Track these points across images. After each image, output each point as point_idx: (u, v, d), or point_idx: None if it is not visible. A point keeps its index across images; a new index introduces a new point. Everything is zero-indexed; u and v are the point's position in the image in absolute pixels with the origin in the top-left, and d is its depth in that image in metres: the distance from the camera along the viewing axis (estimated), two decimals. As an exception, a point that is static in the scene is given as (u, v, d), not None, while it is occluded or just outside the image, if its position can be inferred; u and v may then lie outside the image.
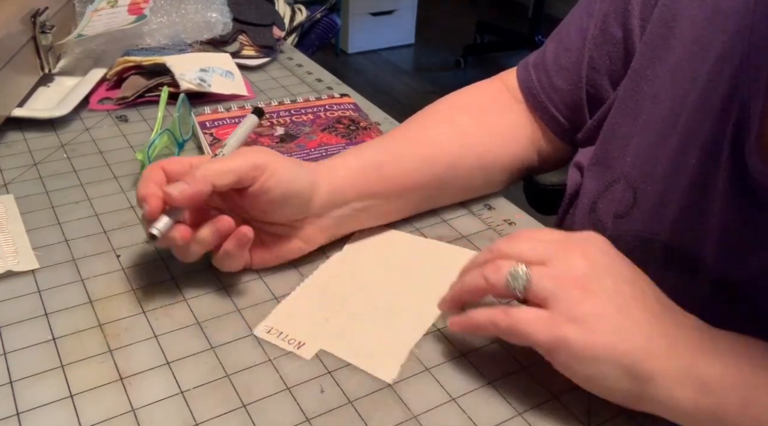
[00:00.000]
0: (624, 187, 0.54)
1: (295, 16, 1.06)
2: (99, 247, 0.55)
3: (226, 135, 0.67)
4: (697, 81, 0.50)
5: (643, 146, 0.53)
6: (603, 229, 0.55)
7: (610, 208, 0.55)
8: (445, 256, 0.56)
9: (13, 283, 0.50)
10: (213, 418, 0.41)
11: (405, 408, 0.42)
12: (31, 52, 0.75)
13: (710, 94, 0.48)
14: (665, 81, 0.52)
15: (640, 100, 0.54)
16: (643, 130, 0.53)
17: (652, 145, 0.52)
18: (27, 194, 0.61)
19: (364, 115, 0.74)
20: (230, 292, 0.51)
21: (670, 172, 0.51)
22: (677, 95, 0.51)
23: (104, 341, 0.46)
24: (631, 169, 0.54)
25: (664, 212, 0.51)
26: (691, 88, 0.50)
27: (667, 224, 0.50)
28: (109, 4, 0.83)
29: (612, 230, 0.54)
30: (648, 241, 0.52)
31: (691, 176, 0.49)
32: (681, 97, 0.51)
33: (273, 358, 0.45)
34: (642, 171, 0.53)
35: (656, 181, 0.52)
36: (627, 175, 0.54)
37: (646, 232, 0.52)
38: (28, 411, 0.41)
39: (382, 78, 2.99)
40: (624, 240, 0.53)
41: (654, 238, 0.51)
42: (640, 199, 0.53)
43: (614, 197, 0.55)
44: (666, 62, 0.53)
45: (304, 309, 0.50)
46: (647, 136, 0.53)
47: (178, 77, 0.77)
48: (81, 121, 0.74)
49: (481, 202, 0.63)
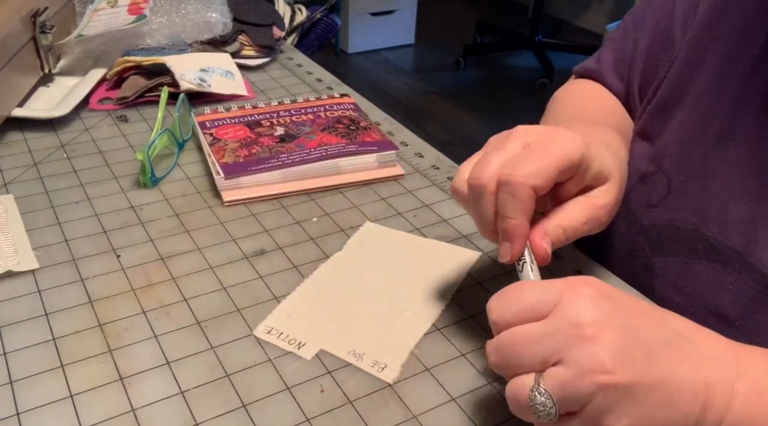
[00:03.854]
0: (660, 178, 0.54)
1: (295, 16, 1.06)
2: (99, 247, 0.55)
3: (226, 135, 0.67)
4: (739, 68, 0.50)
5: (683, 138, 0.53)
6: (635, 219, 0.55)
7: (642, 199, 0.55)
8: (445, 255, 0.56)
9: (13, 283, 0.50)
10: (213, 418, 0.41)
11: (405, 408, 0.42)
12: (31, 52, 0.76)
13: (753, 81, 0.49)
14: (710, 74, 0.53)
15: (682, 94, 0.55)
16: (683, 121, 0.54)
17: (691, 137, 0.52)
18: (27, 194, 0.61)
19: (364, 115, 0.74)
20: (230, 292, 0.51)
21: (709, 164, 0.50)
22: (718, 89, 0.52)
23: (104, 341, 0.46)
24: (668, 161, 0.54)
25: (703, 205, 0.50)
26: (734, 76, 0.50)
27: (706, 215, 0.50)
28: (109, 4, 0.83)
29: (645, 219, 0.54)
30: (682, 230, 0.51)
31: (731, 166, 0.49)
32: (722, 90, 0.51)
33: (273, 358, 0.45)
34: (679, 162, 0.53)
35: (694, 172, 0.52)
36: (664, 168, 0.54)
37: (679, 221, 0.52)
38: (28, 411, 0.41)
39: (382, 78, 2.99)
40: (657, 229, 0.53)
41: (689, 228, 0.51)
42: (676, 190, 0.52)
43: (648, 188, 0.55)
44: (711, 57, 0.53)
45: (304, 309, 0.50)
46: (687, 128, 0.53)
47: (178, 77, 0.77)
48: (81, 121, 0.74)
49: (481, 202, 0.63)
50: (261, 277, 0.53)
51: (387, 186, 0.65)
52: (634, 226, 0.56)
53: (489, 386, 0.44)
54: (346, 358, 0.46)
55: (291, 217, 0.60)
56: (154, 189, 0.63)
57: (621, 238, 0.58)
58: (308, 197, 0.63)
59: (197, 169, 0.67)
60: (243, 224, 0.59)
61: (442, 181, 0.66)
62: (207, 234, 0.57)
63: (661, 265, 0.54)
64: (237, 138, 0.67)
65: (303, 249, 0.56)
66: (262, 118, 0.71)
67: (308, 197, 0.63)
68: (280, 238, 0.57)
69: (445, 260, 0.55)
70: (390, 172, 0.66)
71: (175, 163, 0.67)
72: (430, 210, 0.62)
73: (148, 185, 0.63)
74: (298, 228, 0.58)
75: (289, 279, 0.52)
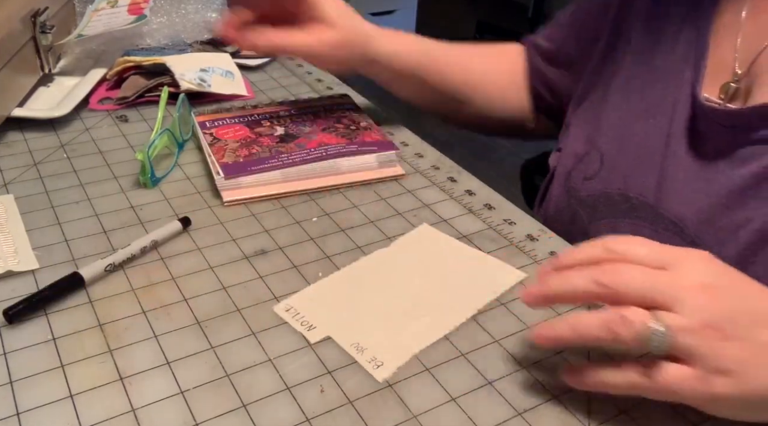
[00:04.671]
0: (594, 154, 0.63)
1: (295, 16, 1.06)
2: (99, 247, 0.55)
3: (226, 135, 0.67)
4: (659, 45, 0.60)
5: (614, 118, 0.63)
6: (575, 192, 0.64)
7: (580, 174, 0.64)
8: (489, 270, 0.54)
9: (13, 283, 0.50)
10: (213, 418, 0.41)
11: (405, 408, 0.42)
12: (31, 52, 0.75)
13: (671, 55, 0.59)
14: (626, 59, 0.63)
15: (606, 82, 0.65)
16: (610, 105, 0.63)
17: (621, 115, 0.62)
18: (27, 194, 0.61)
19: (364, 115, 0.74)
20: (230, 292, 0.51)
21: (635, 136, 0.60)
22: (639, 69, 0.62)
23: (104, 341, 0.46)
24: (604, 141, 0.63)
25: (627, 170, 0.60)
26: (653, 55, 0.61)
27: (630, 180, 0.59)
28: (109, 4, 0.83)
29: (582, 191, 0.63)
30: (611, 197, 0.60)
31: (651, 136, 0.58)
32: (642, 65, 0.61)
33: (273, 358, 0.45)
34: (611, 139, 0.62)
35: (620, 143, 0.61)
36: (598, 145, 0.63)
37: (609, 189, 0.61)
38: (28, 411, 0.41)
39: (382, 78, 2.98)
40: (590, 198, 0.62)
41: (616, 193, 0.60)
42: (607, 161, 0.62)
43: (584, 165, 0.64)
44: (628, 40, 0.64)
45: (328, 296, 0.51)
46: (616, 108, 0.62)
47: (178, 77, 0.77)
48: (81, 121, 0.74)
49: (482, 202, 0.63)
50: (261, 277, 0.53)
51: (387, 186, 0.65)
52: (574, 198, 0.65)
53: (489, 386, 0.44)
54: (348, 350, 0.46)
55: (291, 217, 0.60)
56: (154, 189, 0.63)
57: (564, 210, 0.66)
58: (308, 197, 0.63)
59: (197, 169, 0.66)
60: (243, 224, 0.59)
61: (442, 181, 0.66)
62: (207, 234, 0.57)
63: (594, 229, 0.62)
64: (237, 138, 0.67)
65: (303, 249, 0.56)
66: (262, 118, 0.71)
67: (308, 197, 0.63)
68: (280, 238, 0.57)
69: (487, 275, 0.54)
70: (390, 172, 0.66)
71: (175, 163, 0.67)
72: (430, 210, 0.62)
73: (148, 185, 0.63)
74: (298, 228, 0.58)
75: (289, 279, 0.52)
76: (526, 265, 0.55)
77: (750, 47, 0.55)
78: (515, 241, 0.58)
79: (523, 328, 0.49)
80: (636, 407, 0.43)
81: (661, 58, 0.60)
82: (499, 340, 0.47)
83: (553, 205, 0.68)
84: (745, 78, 0.54)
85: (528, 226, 0.60)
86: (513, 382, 0.44)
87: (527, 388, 0.44)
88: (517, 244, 0.57)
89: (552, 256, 0.46)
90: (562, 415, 0.42)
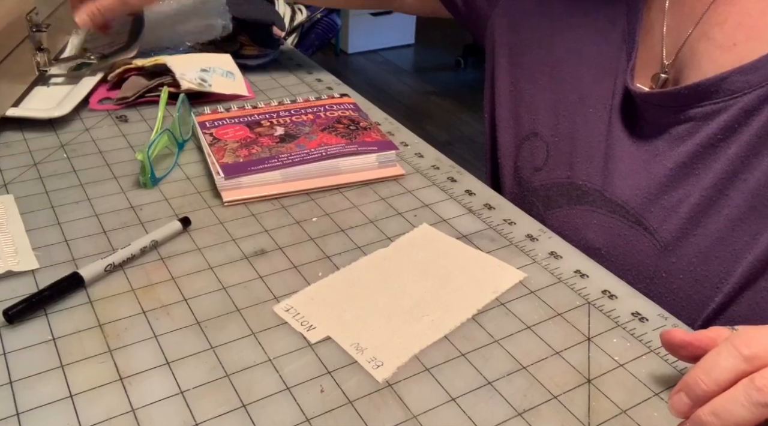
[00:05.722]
0: (539, 144, 0.65)
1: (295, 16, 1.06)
2: (99, 247, 0.55)
3: (226, 135, 0.67)
4: (590, 34, 0.63)
5: (548, 104, 0.65)
6: (527, 183, 0.67)
7: (528, 164, 0.66)
8: (489, 270, 0.54)
9: (13, 283, 0.51)
10: (213, 418, 0.41)
11: (405, 408, 0.42)
12: (25, 51, 0.75)
13: (603, 45, 0.61)
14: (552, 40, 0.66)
15: (535, 65, 0.67)
16: (540, 87, 0.66)
17: (555, 101, 0.64)
18: (27, 194, 0.61)
19: (364, 115, 0.74)
20: (230, 292, 0.51)
21: (575, 124, 0.62)
22: (566, 52, 0.64)
23: (104, 341, 0.46)
24: (542, 127, 0.65)
25: (572, 158, 0.62)
26: (580, 40, 0.63)
27: (576, 167, 0.62)
28: None
29: (534, 182, 0.65)
30: (562, 185, 0.63)
31: (589, 123, 0.61)
32: (572, 53, 0.64)
33: (273, 358, 0.45)
34: (551, 126, 0.64)
35: (563, 133, 0.63)
36: (539, 132, 0.65)
37: (558, 178, 0.63)
38: (28, 411, 0.41)
39: (382, 78, 2.99)
40: (542, 188, 0.64)
41: (566, 182, 0.62)
42: (552, 151, 0.64)
43: (530, 154, 0.67)
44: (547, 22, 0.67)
45: (328, 296, 0.51)
46: (552, 93, 0.65)
47: (179, 77, 0.77)
48: (81, 121, 0.74)
49: (482, 202, 0.63)
50: (261, 277, 0.53)
51: (387, 186, 0.65)
52: (527, 190, 0.68)
53: (489, 386, 0.44)
54: (348, 350, 0.46)
55: (291, 217, 0.60)
56: (154, 189, 0.63)
57: (519, 202, 0.67)
58: (308, 197, 0.63)
59: (197, 169, 0.67)
60: (243, 224, 0.59)
61: (442, 181, 0.66)
62: (207, 234, 0.57)
63: (549, 217, 0.65)
64: (237, 138, 0.67)
65: (303, 249, 0.56)
66: (262, 118, 0.71)
67: (308, 197, 0.63)
68: (280, 238, 0.57)
69: (487, 275, 0.54)
70: (390, 172, 0.66)
71: (175, 163, 0.67)
72: (430, 210, 0.62)
73: (148, 185, 0.63)
74: (298, 228, 0.58)
75: (289, 279, 0.52)
76: (526, 265, 0.55)
77: (674, 39, 0.57)
78: (515, 241, 0.58)
79: (523, 328, 0.49)
80: (636, 407, 0.43)
81: (592, 48, 0.63)
82: (499, 340, 0.48)
83: (507, 196, 0.70)
84: (672, 68, 0.57)
85: (528, 226, 0.60)
86: (513, 382, 0.44)
87: (527, 388, 0.44)
88: (517, 244, 0.57)
89: (680, 384, 0.39)
90: (562, 415, 0.42)
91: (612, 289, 0.53)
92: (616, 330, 0.49)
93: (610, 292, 0.52)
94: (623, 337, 0.48)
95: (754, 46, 0.50)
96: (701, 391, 0.37)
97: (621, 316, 0.50)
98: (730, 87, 0.51)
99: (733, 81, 0.50)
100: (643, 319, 0.50)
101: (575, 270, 0.55)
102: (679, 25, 0.57)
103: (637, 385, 0.44)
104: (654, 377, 0.45)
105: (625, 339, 0.48)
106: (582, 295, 0.52)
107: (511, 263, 0.55)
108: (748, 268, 0.51)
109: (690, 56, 0.55)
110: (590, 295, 0.52)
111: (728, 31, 0.53)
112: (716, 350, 0.38)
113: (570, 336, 0.48)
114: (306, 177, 0.64)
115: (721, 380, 0.36)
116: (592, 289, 0.53)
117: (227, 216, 0.60)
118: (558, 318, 0.50)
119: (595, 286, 0.53)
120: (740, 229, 0.51)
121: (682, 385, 0.39)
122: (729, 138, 0.52)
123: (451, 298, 0.51)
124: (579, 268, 0.55)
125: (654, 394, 0.44)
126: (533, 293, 0.52)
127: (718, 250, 0.52)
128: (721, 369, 0.37)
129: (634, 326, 0.49)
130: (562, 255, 0.56)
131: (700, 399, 0.37)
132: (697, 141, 0.53)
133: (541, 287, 0.53)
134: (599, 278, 0.54)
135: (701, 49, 0.54)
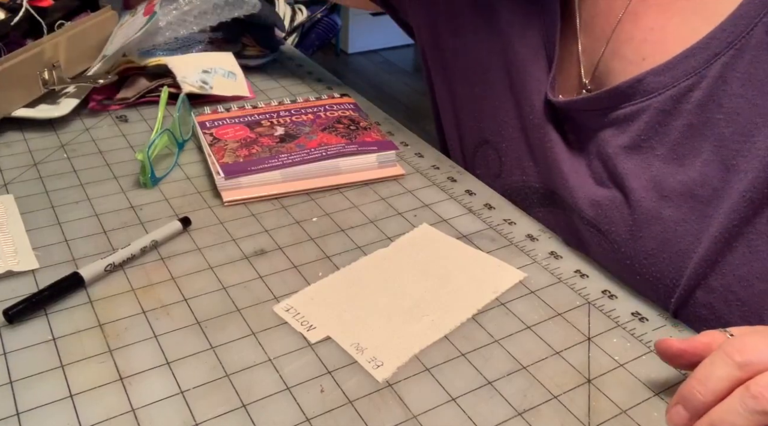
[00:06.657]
0: (490, 151, 0.66)
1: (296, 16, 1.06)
2: (99, 247, 0.55)
3: (226, 135, 0.67)
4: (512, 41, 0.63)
5: (489, 110, 0.66)
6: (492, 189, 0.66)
7: (487, 171, 0.67)
8: (489, 270, 0.54)
9: (13, 283, 0.51)
10: (213, 418, 0.41)
11: (405, 408, 0.42)
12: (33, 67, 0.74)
13: (524, 50, 0.61)
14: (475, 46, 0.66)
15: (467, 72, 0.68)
16: (483, 98, 0.66)
17: (495, 107, 0.65)
18: (27, 194, 0.61)
19: (364, 115, 0.74)
20: (230, 292, 0.51)
21: (523, 129, 0.62)
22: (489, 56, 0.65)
23: (104, 341, 0.46)
24: (489, 134, 0.66)
25: (523, 163, 0.63)
26: (505, 47, 0.63)
27: (528, 171, 0.62)
28: (131, 15, 0.83)
29: (497, 188, 0.65)
30: (521, 189, 0.64)
31: (530, 128, 0.61)
32: (500, 58, 0.64)
33: (273, 358, 0.45)
34: (496, 133, 0.65)
35: (509, 138, 0.64)
36: (489, 140, 0.66)
37: (516, 183, 0.64)
38: (28, 411, 0.41)
39: (382, 78, 2.99)
40: (507, 194, 0.64)
41: (524, 186, 0.63)
42: (504, 157, 0.65)
43: (485, 162, 0.67)
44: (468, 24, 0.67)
45: (328, 296, 0.51)
46: (494, 99, 0.65)
47: (180, 81, 0.77)
48: (81, 121, 0.74)
49: (482, 202, 0.63)
50: (261, 277, 0.53)
51: (387, 186, 0.65)
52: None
53: (489, 386, 0.44)
54: (348, 350, 0.46)
55: (291, 217, 0.60)
56: (154, 189, 0.63)
57: None
58: (308, 197, 0.63)
59: (197, 169, 0.67)
60: (243, 224, 0.59)
61: (442, 181, 0.66)
62: (207, 234, 0.57)
63: None
64: (237, 138, 0.67)
65: (303, 249, 0.56)
66: (262, 118, 0.71)
67: (308, 197, 0.63)
68: (280, 238, 0.57)
69: (487, 275, 0.54)
70: (390, 172, 0.66)
71: (175, 163, 0.67)
72: (430, 210, 0.62)
73: (148, 185, 0.63)
74: (298, 228, 0.58)
75: (289, 279, 0.52)
76: (526, 265, 0.55)
77: (590, 58, 0.59)
78: (515, 241, 0.58)
79: (523, 328, 0.49)
80: (636, 407, 0.43)
81: (514, 54, 0.62)
82: (499, 340, 0.48)
83: None
84: (591, 83, 0.58)
85: (528, 226, 0.60)
86: (513, 382, 0.44)
87: (527, 388, 0.44)
88: (517, 244, 0.57)
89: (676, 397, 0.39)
90: (562, 415, 0.42)
91: (612, 289, 0.53)
92: (616, 330, 0.49)
93: (610, 292, 0.52)
94: (623, 337, 0.48)
95: (661, 59, 0.52)
96: (698, 402, 0.37)
97: (621, 316, 0.50)
98: (646, 88, 0.52)
99: (648, 82, 0.52)
100: (643, 319, 0.50)
101: (575, 270, 0.55)
102: (593, 45, 0.58)
103: (637, 385, 0.44)
104: (654, 377, 0.45)
105: (625, 339, 0.48)
106: (582, 295, 0.52)
107: (511, 263, 0.55)
108: (694, 269, 0.50)
109: (606, 74, 0.57)
110: (590, 295, 0.52)
111: (636, 47, 0.55)
112: (710, 359, 0.38)
113: (570, 336, 0.48)
114: (306, 177, 0.64)
115: (717, 390, 0.37)
116: (592, 289, 0.53)
117: (227, 216, 0.60)
118: (558, 318, 0.50)
119: (595, 286, 0.53)
120: (683, 230, 0.50)
121: (678, 397, 0.39)
122: (652, 138, 0.52)
123: (451, 298, 0.51)
124: (579, 268, 0.55)
125: (654, 394, 0.44)
126: (533, 293, 0.52)
127: (664, 251, 0.51)
128: (716, 378, 0.37)
129: (634, 326, 0.49)
130: (562, 255, 0.56)
131: (697, 411, 0.37)
132: (621, 143, 0.54)
133: (541, 287, 0.53)
134: (599, 278, 0.54)
135: (615, 67, 0.56)
